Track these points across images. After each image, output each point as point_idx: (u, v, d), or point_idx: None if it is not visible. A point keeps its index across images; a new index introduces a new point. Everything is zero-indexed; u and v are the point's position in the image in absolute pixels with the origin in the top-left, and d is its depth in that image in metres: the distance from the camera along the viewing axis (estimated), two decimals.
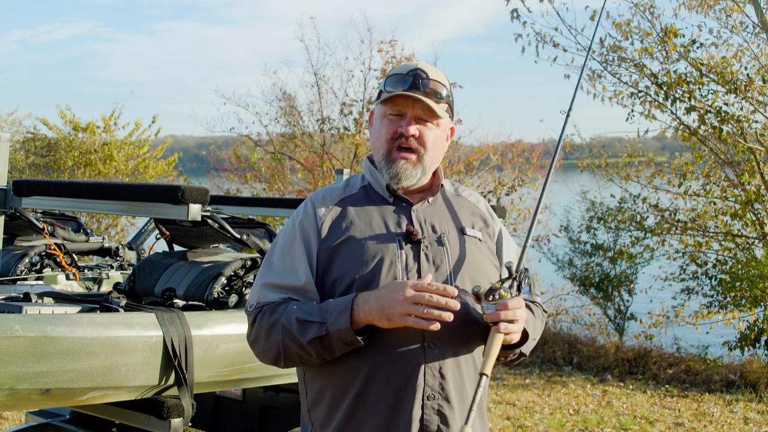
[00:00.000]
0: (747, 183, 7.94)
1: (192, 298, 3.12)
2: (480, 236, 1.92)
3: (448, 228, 1.88)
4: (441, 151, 1.94)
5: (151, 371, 2.63)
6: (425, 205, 1.91)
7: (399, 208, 1.89)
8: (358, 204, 1.89)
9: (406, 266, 1.79)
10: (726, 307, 8.42)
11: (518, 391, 6.99)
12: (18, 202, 3.11)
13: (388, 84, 1.88)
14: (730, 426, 5.96)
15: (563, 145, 10.30)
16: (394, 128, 1.86)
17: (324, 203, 1.89)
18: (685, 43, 7.98)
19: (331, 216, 1.86)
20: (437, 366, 1.76)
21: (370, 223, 1.85)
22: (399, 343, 1.74)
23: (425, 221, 1.87)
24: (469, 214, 1.96)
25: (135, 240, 4.25)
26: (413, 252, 1.81)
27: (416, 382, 1.74)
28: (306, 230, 1.85)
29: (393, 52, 10.06)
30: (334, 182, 2.02)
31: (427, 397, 1.75)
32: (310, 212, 1.88)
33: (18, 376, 2.33)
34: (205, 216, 3.09)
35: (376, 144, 1.91)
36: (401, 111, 1.87)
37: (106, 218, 10.90)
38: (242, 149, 11.39)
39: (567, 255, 10.01)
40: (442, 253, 1.83)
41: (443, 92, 1.89)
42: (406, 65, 1.92)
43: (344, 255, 1.80)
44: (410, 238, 1.82)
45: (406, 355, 1.74)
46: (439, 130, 1.91)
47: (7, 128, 12.26)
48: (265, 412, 3.72)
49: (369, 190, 1.93)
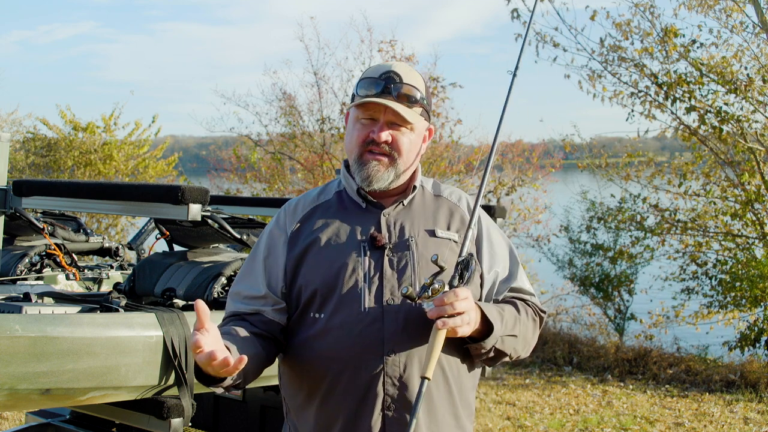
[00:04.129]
0: (747, 183, 7.94)
1: (192, 298, 3.11)
2: (455, 237, 1.86)
3: (418, 231, 1.83)
4: (416, 154, 1.89)
5: (151, 371, 2.63)
6: (398, 208, 1.87)
7: (370, 214, 1.86)
8: (330, 210, 1.88)
9: (369, 273, 1.76)
10: (726, 307, 8.43)
11: (518, 391, 6.99)
12: (18, 202, 3.11)
13: (360, 87, 1.84)
14: (730, 426, 5.96)
15: (563, 145, 10.25)
16: (366, 133, 1.83)
17: (295, 212, 1.89)
18: (685, 43, 7.98)
19: (300, 224, 1.86)
20: (397, 375, 1.72)
21: (338, 230, 1.83)
22: (358, 352, 1.72)
23: (395, 225, 1.83)
24: (447, 214, 1.90)
25: (135, 240, 4.25)
26: (376, 258, 1.78)
27: (375, 392, 1.72)
28: (275, 239, 1.86)
29: (393, 51, 10.08)
30: (312, 188, 2.00)
31: (387, 407, 1.72)
32: (282, 221, 1.89)
33: (18, 376, 2.33)
34: (205, 216, 3.09)
35: (349, 147, 1.88)
36: (373, 116, 1.83)
37: (106, 218, 10.90)
38: (242, 149, 11.39)
39: (567, 255, 10.01)
40: (407, 257, 1.79)
41: (417, 95, 1.83)
42: (379, 67, 1.86)
43: (309, 263, 1.79)
44: (375, 243, 1.79)
45: (365, 365, 1.72)
46: (414, 134, 1.85)
47: (7, 128, 12.25)
48: (265, 412, 3.72)
49: (343, 195, 1.91)
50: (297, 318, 1.81)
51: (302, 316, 1.80)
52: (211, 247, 3.55)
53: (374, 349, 1.72)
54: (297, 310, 1.80)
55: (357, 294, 1.75)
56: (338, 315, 1.74)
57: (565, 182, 11.31)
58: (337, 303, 1.75)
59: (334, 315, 1.75)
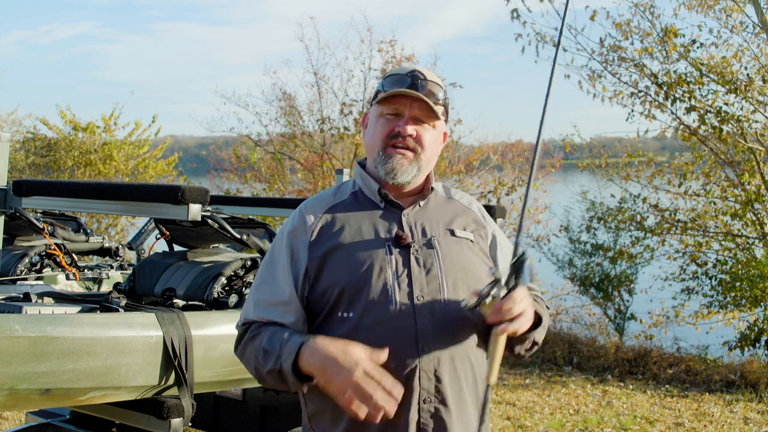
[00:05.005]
0: (747, 183, 7.94)
1: (192, 298, 3.12)
2: (472, 237, 1.91)
3: (439, 230, 1.87)
4: (436, 153, 1.93)
5: (151, 371, 2.63)
6: (416, 208, 1.90)
7: (389, 213, 1.88)
8: (348, 210, 1.89)
9: (397, 271, 1.78)
10: (726, 307, 8.43)
11: (518, 391, 6.99)
12: (18, 202, 3.11)
13: (387, 84, 1.88)
14: (730, 426, 5.96)
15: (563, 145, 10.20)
16: (391, 127, 1.86)
17: (313, 212, 1.89)
18: (685, 43, 7.98)
19: (320, 224, 1.85)
20: (432, 369, 1.75)
21: (359, 230, 1.84)
22: (392, 347, 1.73)
23: (415, 225, 1.86)
24: (460, 216, 1.95)
25: (135, 240, 4.25)
26: (403, 257, 1.80)
27: (411, 386, 1.74)
28: (295, 241, 1.85)
29: (393, 52, 10.09)
30: (325, 189, 2.02)
31: (423, 400, 1.74)
32: (300, 222, 1.87)
33: (18, 376, 2.33)
34: (205, 216, 3.09)
35: (371, 142, 1.90)
36: (398, 111, 1.86)
37: (106, 218, 10.90)
38: (242, 149, 11.39)
39: (567, 255, 10.01)
40: (433, 256, 1.82)
41: (440, 94, 1.88)
42: (404, 67, 1.93)
43: (334, 263, 1.79)
44: (400, 242, 1.81)
45: (400, 361, 1.73)
46: (436, 132, 1.90)
47: (7, 128, 12.26)
48: (265, 412, 3.72)
49: (360, 195, 1.92)
50: (324, 318, 1.80)
51: (329, 316, 1.80)
52: (211, 247, 3.55)
53: (408, 346, 1.74)
54: (323, 311, 1.80)
55: (387, 292, 1.76)
56: (370, 313, 1.75)
57: (565, 182, 11.30)
58: (368, 302, 1.76)
59: (365, 314, 1.75)
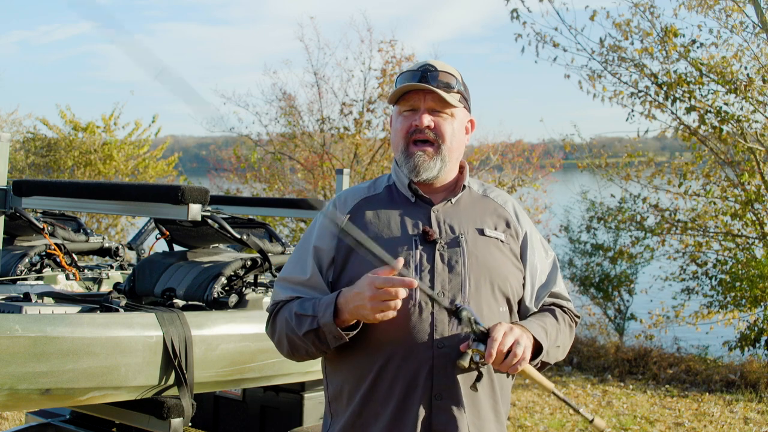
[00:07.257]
0: (747, 183, 7.94)
1: (192, 298, 3.12)
2: (502, 237, 1.91)
3: (468, 229, 1.88)
4: (460, 143, 1.94)
5: (151, 371, 2.63)
6: (447, 205, 1.92)
7: (419, 208, 1.90)
8: (380, 204, 1.92)
9: (420, 266, 1.80)
10: (726, 307, 8.42)
11: (518, 391, 6.98)
12: (18, 202, 3.11)
13: (399, 82, 1.92)
14: (730, 426, 5.96)
15: (563, 145, 10.18)
16: (409, 123, 1.89)
17: (346, 203, 1.93)
18: (685, 43, 7.98)
19: (351, 215, 1.89)
20: (446, 365, 1.76)
21: (388, 224, 1.87)
22: (409, 342, 1.75)
23: (444, 222, 1.88)
24: (493, 215, 1.95)
25: (135, 240, 4.25)
26: (428, 253, 1.82)
27: (424, 381, 1.75)
28: (326, 228, 1.89)
29: (393, 52, 10.08)
30: (361, 182, 2.06)
31: (436, 395, 1.75)
32: (333, 211, 1.92)
33: (18, 376, 2.33)
34: (205, 216, 3.09)
35: (395, 141, 1.94)
36: (414, 106, 1.89)
37: (106, 218, 10.90)
38: (242, 149, 11.38)
39: (567, 255, 10.01)
40: (458, 253, 1.83)
41: (453, 83, 1.89)
42: (416, 63, 1.96)
43: (359, 255, 1.81)
44: (426, 238, 1.83)
45: (415, 354, 1.75)
46: (456, 121, 1.91)
47: (7, 128, 12.26)
48: (265, 412, 3.72)
49: (393, 189, 1.95)
50: None
51: None
52: (211, 247, 3.55)
53: (425, 340, 1.76)
54: None
55: None
56: None
57: (565, 182, 11.30)
58: None
59: None
